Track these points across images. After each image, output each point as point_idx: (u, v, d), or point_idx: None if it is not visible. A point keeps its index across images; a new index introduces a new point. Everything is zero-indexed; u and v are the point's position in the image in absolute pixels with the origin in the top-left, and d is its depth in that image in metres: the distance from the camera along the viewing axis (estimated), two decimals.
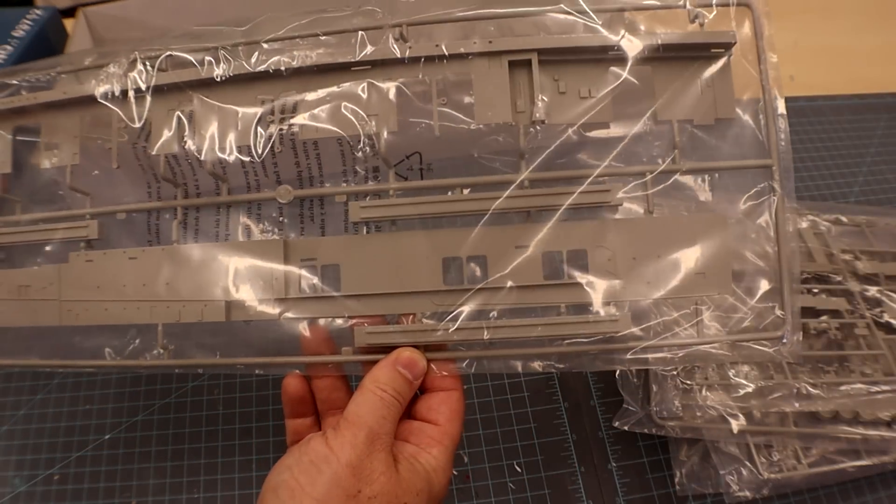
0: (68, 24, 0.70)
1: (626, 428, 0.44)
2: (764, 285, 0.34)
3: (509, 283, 0.33)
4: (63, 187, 0.39)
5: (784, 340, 0.33)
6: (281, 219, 0.38)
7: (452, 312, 0.34)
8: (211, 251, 0.36)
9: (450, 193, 0.35)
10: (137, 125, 0.37)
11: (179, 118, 0.37)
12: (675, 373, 0.45)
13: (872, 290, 0.50)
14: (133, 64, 0.37)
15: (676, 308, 0.34)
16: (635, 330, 0.33)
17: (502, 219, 0.34)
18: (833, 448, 0.44)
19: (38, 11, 0.67)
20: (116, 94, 0.37)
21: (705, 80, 0.35)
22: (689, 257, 0.33)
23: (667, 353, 0.33)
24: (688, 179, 0.35)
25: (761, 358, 0.33)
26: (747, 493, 0.43)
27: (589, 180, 0.34)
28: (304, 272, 0.35)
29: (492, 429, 0.48)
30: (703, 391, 0.44)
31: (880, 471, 0.45)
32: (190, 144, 0.37)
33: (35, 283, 0.38)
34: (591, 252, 0.33)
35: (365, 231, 0.36)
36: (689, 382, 0.45)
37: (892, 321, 0.49)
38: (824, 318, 0.48)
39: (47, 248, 0.39)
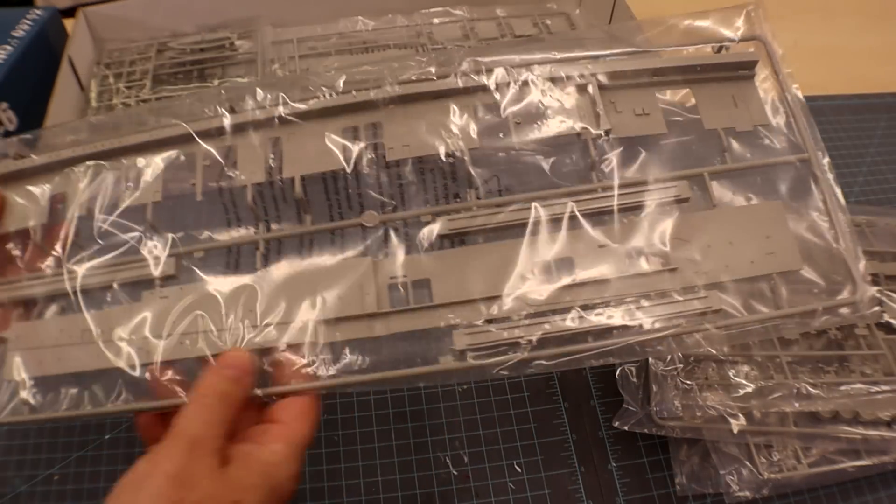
0: (68, 24, 0.70)
1: (626, 428, 0.44)
2: (826, 256, 0.37)
3: (598, 277, 0.36)
4: (142, 224, 0.39)
5: (858, 300, 0.36)
6: (365, 240, 0.38)
7: (555, 309, 0.35)
8: (297, 275, 0.37)
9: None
10: (222, 157, 0.39)
11: (267, 149, 0.39)
12: (675, 372, 0.45)
13: (872, 290, 0.50)
14: (222, 102, 0.39)
15: (752, 286, 0.36)
16: (725, 307, 0.35)
17: (580, 223, 0.37)
18: (833, 448, 0.45)
19: (38, 11, 0.67)
20: (208, 129, 0.39)
21: (738, 94, 0.40)
22: (756, 240, 0.36)
23: (756, 327, 0.35)
24: (738, 177, 0.39)
25: (840, 322, 0.36)
26: (747, 493, 0.43)
27: (654, 182, 0.38)
28: (393, 288, 0.36)
29: (492, 429, 0.48)
30: (703, 391, 0.44)
31: (880, 471, 0.45)
32: (275, 174, 0.38)
33: (102, 326, 0.37)
34: (670, 243, 0.36)
35: (451, 245, 0.38)
36: (689, 382, 0.45)
37: (892, 321, 0.49)
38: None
39: (115, 287, 0.38)
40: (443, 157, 0.38)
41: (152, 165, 0.39)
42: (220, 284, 0.37)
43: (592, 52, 0.40)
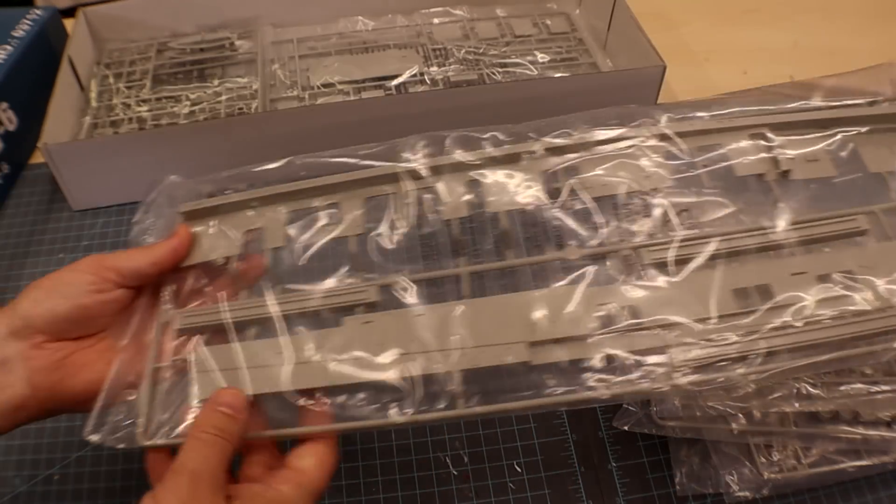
0: (68, 24, 0.70)
1: (626, 428, 0.44)
2: None
3: (794, 301, 0.37)
4: (344, 256, 0.41)
5: None
6: (566, 272, 0.40)
7: (760, 328, 0.37)
8: (507, 302, 0.38)
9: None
10: (424, 195, 0.42)
11: (467, 188, 0.42)
12: None
13: None
14: (422, 147, 0.43)
15: None
16: None
17: (772, 253, 0.40)
18: (833, 448, 0.44)
19: (38, 11, 0.67)
20: (412, 170, 0.43)
21: (894, 143, 0.44)
22: None
23: None
24: None
25: None
26: (747, 493, 0.43)
27: (832, 217, 0.40)
28: (604, 314, 0.37)
29: (492, 429, 0.48)
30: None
31: (880, 471, 0.45)
32: (476, 209, 0.42)
33: (297, 349, 0.37)
34: (857, 269, 0.38)
35: (652, 275, 0.39)
36: None
37: None
38: None
39: (318, 313, 0.39)
40: (637, 196, 0.42)
41: (354, 203, 0.43)
42: (422, 311, 0.38)
43: (761, 107, 0.45)
